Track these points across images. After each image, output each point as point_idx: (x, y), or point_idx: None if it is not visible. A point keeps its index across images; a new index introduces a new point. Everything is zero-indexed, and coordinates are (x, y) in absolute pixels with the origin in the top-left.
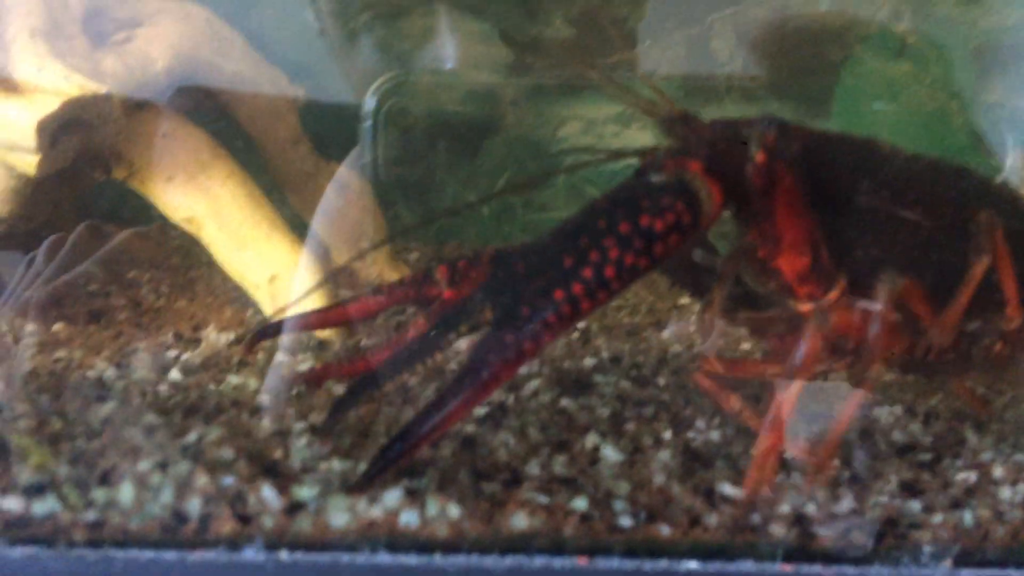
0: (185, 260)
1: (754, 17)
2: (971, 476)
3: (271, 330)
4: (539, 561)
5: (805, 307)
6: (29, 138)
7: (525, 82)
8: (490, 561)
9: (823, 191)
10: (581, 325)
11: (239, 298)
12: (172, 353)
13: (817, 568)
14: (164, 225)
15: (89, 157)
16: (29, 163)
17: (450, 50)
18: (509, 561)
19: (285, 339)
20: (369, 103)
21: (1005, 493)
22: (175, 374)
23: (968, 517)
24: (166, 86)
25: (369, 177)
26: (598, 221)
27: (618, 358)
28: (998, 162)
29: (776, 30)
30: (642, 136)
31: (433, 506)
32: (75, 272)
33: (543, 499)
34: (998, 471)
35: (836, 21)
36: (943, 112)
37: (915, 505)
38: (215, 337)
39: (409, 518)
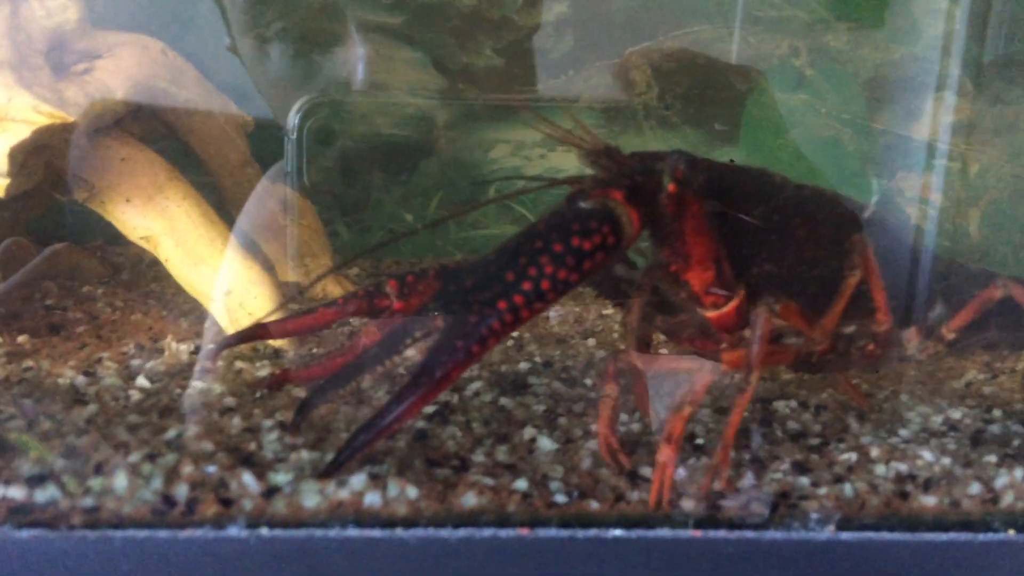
0: (133, 276)
1: (667, 51)
2: (852, 456)
3: (234, 340)
4: (487, 532)
5: (711, 314)
6: (1, 163)
7: (455, 106)
8: (445, 533)
9: (724, 215)
10: (516, 334)
11: (192, 311)
12: (136, 362)
13: (722, 533)
14: (104, 243)
15: (52, 180)
16: None
17: (371, 72)
18: (461, 533)
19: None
20: (293, 120)
21: (880, 470)
22: (142, 381)
23: (848, 489)
24: (124, 113)
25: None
26: (535, 242)
27: (550, 362)
28: (886, 184)
29: (687, 63)
30: (565, 158)
31: (394, 488)
32: (9, 283)
33: (489, 481)
34: (875, 452)
35: (743, 54)
36: (837, 139)
37: (804, 481)
38: (176, 347)
39: (373, 499)
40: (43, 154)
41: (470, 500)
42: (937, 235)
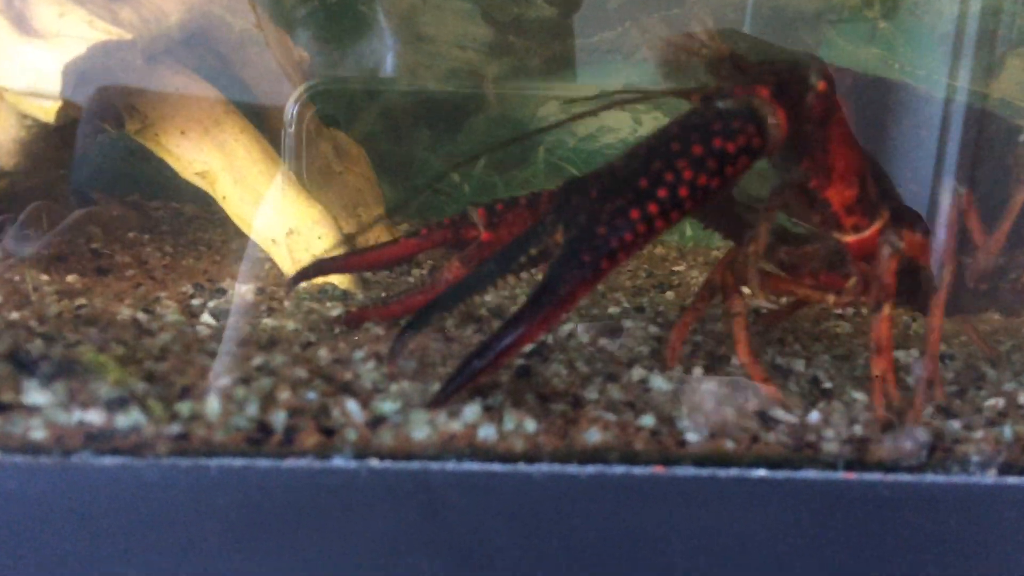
0: (174, 229)
1: (731, 1)
2: (999, 401)
3: (314, 269)
4: (619, 470)
5: (850, 238)
6: (54, 82)
7: (504, 59)
8: (573, 470)
9: (868, 127)
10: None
11: (246, 258)
12: (196, 302)
13: (877, 476)
14: (141, 198)
15: (101, 109)
16: (48, 110)
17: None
18: (591, 470)
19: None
20: (290, 111)
21: None
22: (207, 318)
23: (1008, 432)
24: (179, 40)
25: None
26: (671, 144)
27: (641, 308)
28: None
29: (753, 13)
30: (618, 117)
31: (510, 421)
32: (47, 237)
33: (611, 416)
34: (1022, 397)
35: (810, 6)
36: None
37: (955, 425)
38: (237, 287)
39: (488, 432)
40: (100, 76)
41: (594, 436)
42: None
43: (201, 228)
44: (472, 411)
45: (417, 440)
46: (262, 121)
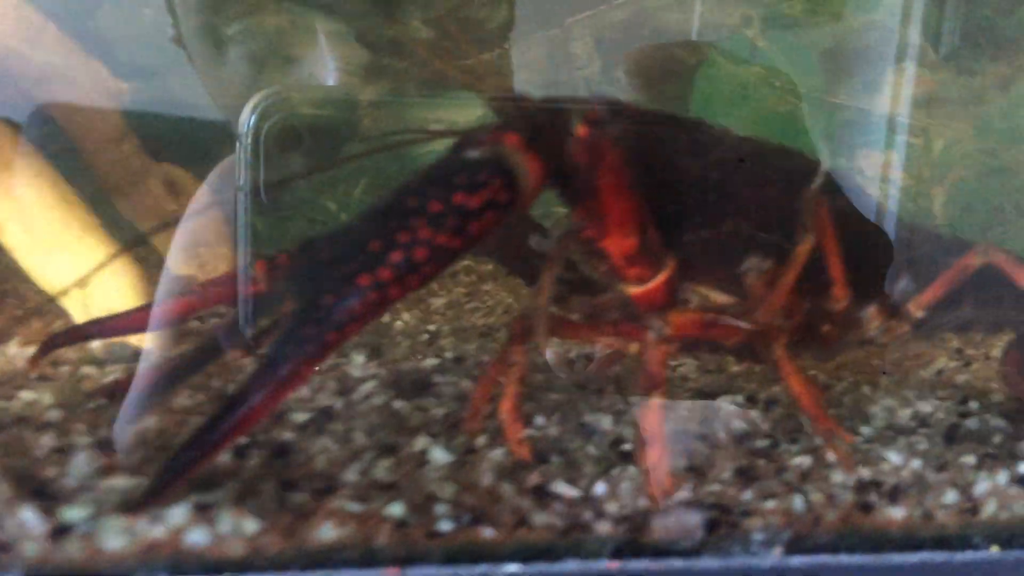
0: None
1: (611, 21)
2: (805, 461)
3: (62, 338)
4: (344, 575)
5: (634, 290)
6: None
7: (380, 83)
8: None
9: (652, 171)
10: (432, 327)
11: (53, 309)
12: None
13: (645, 563)
14: None
15: None
16: None
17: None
18: None
19: None
20: (247, 121)
21: (838, 476)
22: None
23: (799, 502)
24: None
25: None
26: (408, 200)
27: (462, 358)
28: (847, 163)
29: (633, 33)
30: None
31: (226, 521)
32: None
33: (355, 507)
34: (832, 454)
35: (689, 26)
36: (793, 115)
37: (748, 493)
38: (14, 352)
39: (197, 537)
40: None
41: (327, 533)
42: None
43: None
44: (180, 512)
45: (108, 552)
46: (75, 156)
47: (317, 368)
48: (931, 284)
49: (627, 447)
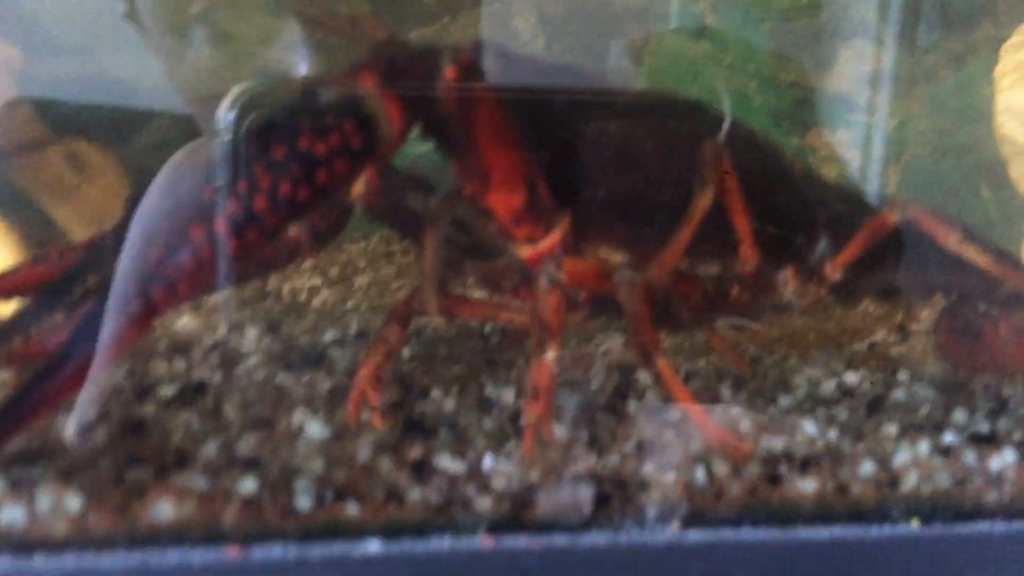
0: None
1: None
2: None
3: None
4: (173, 556)
5: (524, 251)
6: None
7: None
8: (110, 559)
9: (542, 121)
10: (350, 303)
11: None
12: None
13: (523, 540)
14: None
15: None
16: None
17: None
18: (136, 558)
19: None
20: (226, 117)
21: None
22: None
23: (701, 474)
24: None
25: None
26: (248, 147)
27: (365, 332)
28: (798, 143)
29: (579, 8)
30: None
31: (46, 499)
32: None
33: (202, 484)
34: (744, 425)
35: (637, 1)
36: (743, 93)
37: (649, 466)
38: None
39: (13, 515)
40: None
41: (164, 511)
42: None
43: None
44: None
45: None
46: None
47: (147, 331)
48: (848, 244)
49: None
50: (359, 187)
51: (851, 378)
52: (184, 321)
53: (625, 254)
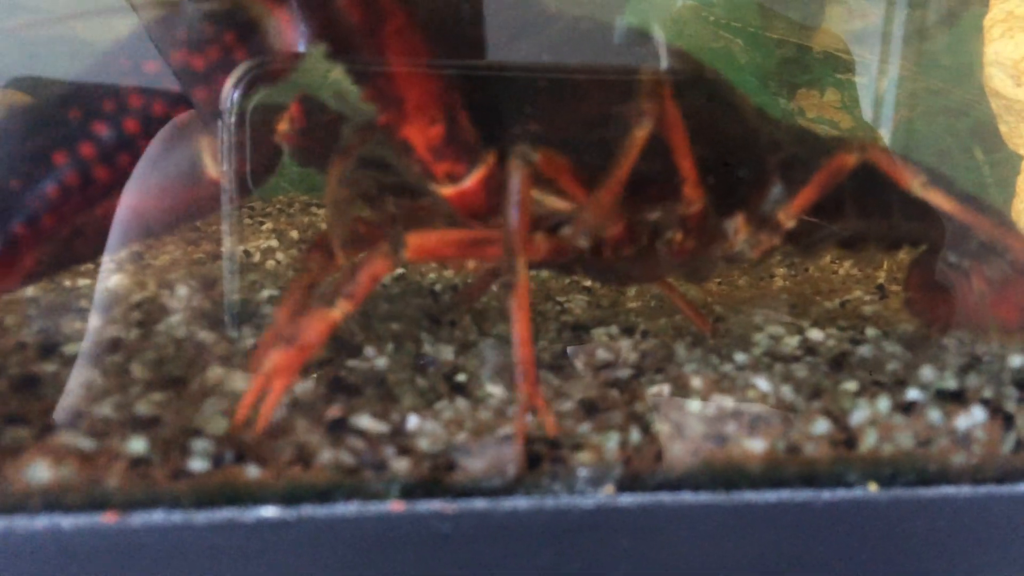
0: None
1: None
2: (663, 389)
3: None
4: (41, 522)
5: (446, 190)
6: None
7: None
8: None
9: (466, 45)
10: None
11: None
12: None
13: (437, 504)
14: None
15: None
16: None
17: None
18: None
19: None
20: (229, 96)
21: (694, 406)
22: None
23: (636, 436)
24: None
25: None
26: (119, 64)
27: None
28: (787, 103)
29: None
30: None
31: None
32: None
33: (86, 444)
34: (696, 382)
35: None
36: (728, 52)
37: (580, 426)
38: None
39: None
40: None
41: (39, 473)
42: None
43: None
44: None
45: None
46: None
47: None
48: (802, 189)
49: (461, 379)
50: (283, 125)
51: (815, 335)
52: (116, 279)
53: (560, 196)
